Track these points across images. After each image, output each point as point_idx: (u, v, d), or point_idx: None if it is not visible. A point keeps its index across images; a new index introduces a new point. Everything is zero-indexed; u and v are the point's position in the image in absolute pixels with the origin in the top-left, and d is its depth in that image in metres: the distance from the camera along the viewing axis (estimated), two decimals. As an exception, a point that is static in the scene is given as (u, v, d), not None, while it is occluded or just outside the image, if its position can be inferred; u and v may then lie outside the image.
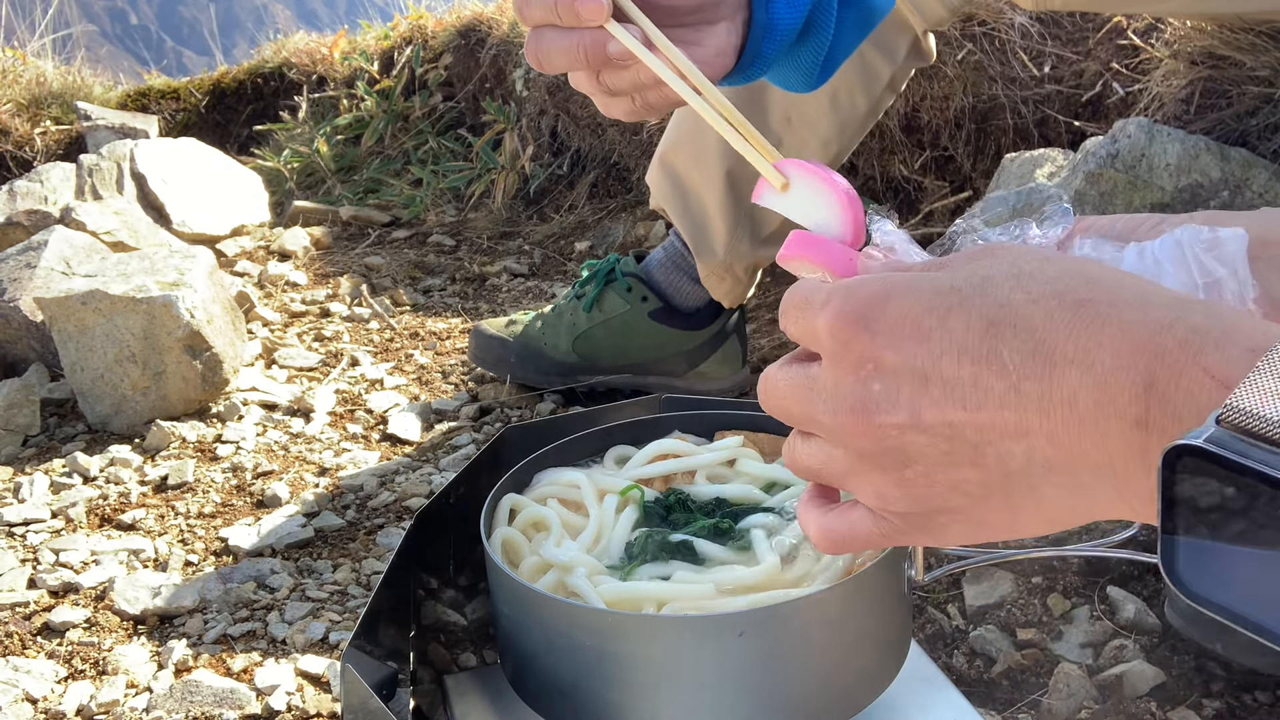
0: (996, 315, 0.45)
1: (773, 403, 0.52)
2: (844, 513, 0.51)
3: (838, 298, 0.48)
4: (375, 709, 0.76)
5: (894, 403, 0.46)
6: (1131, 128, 1.46)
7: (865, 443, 0.47)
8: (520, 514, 0.89)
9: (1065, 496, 0.46)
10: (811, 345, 0.50)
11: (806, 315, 0.49)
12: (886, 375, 0.46)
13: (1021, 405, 0.44)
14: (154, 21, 70.67)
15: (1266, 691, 1.04)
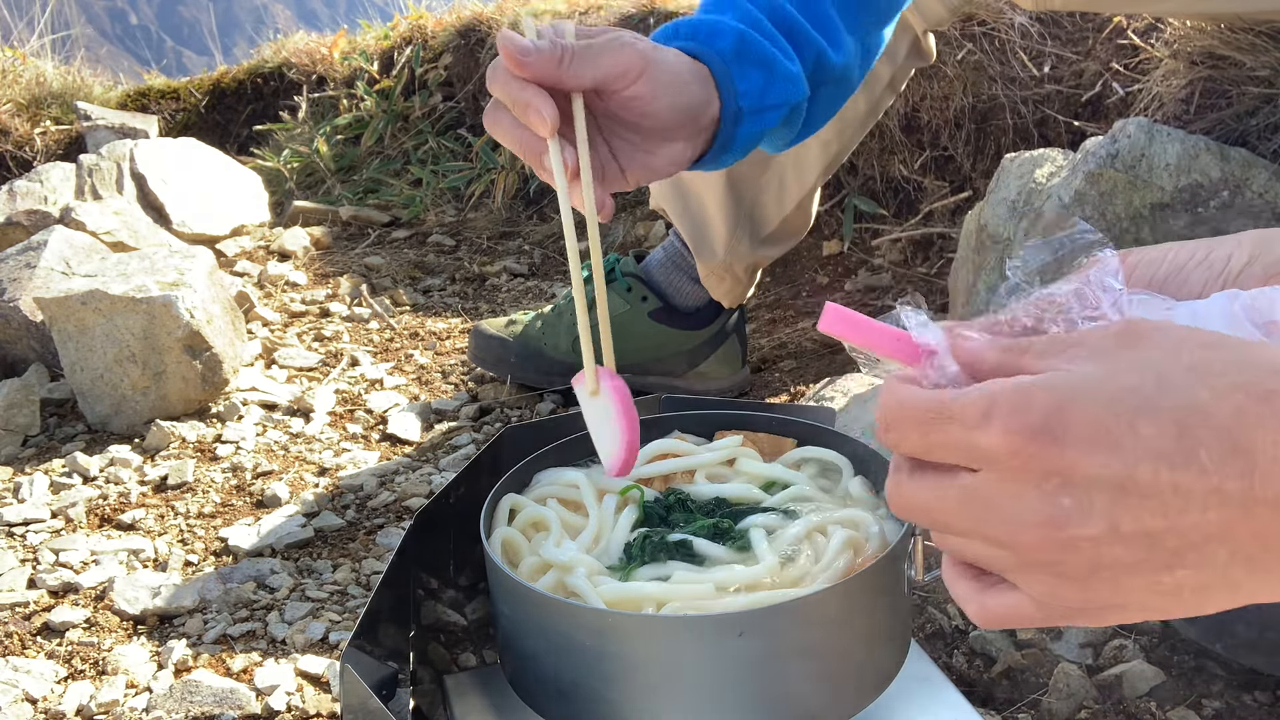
0: (1185, 418, 0.44)
1: (917, 515, 0.50)
2: (1002, 594, 0.50)
3: (1004, 410, 0.46)
4: (375, 709, 0.76)
5: (1088, 515, 0.45)
6: (1131, 128, 1.46)
7: (1050, 555, 0.46)
8: (520, 514, 0.89)
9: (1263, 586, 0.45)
10: (967, 461, 0.47)
11: (953, 430, 0.47)
12: (1077, 488, 0.45)
13: (1224, 505, 0.43)
14: (154, 21, 70.67)
15: (1266, 691, 1.04)
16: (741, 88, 0.92)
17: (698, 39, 0.93)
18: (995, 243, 1.61)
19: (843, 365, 1.85)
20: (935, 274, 2.01)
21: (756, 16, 0.95)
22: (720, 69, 0.91)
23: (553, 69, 0.82)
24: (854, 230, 2.21)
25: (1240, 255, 0.57)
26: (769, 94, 0.93)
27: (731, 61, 0.92)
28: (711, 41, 0.92)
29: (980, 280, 1.62)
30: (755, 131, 0.93)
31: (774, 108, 0.93)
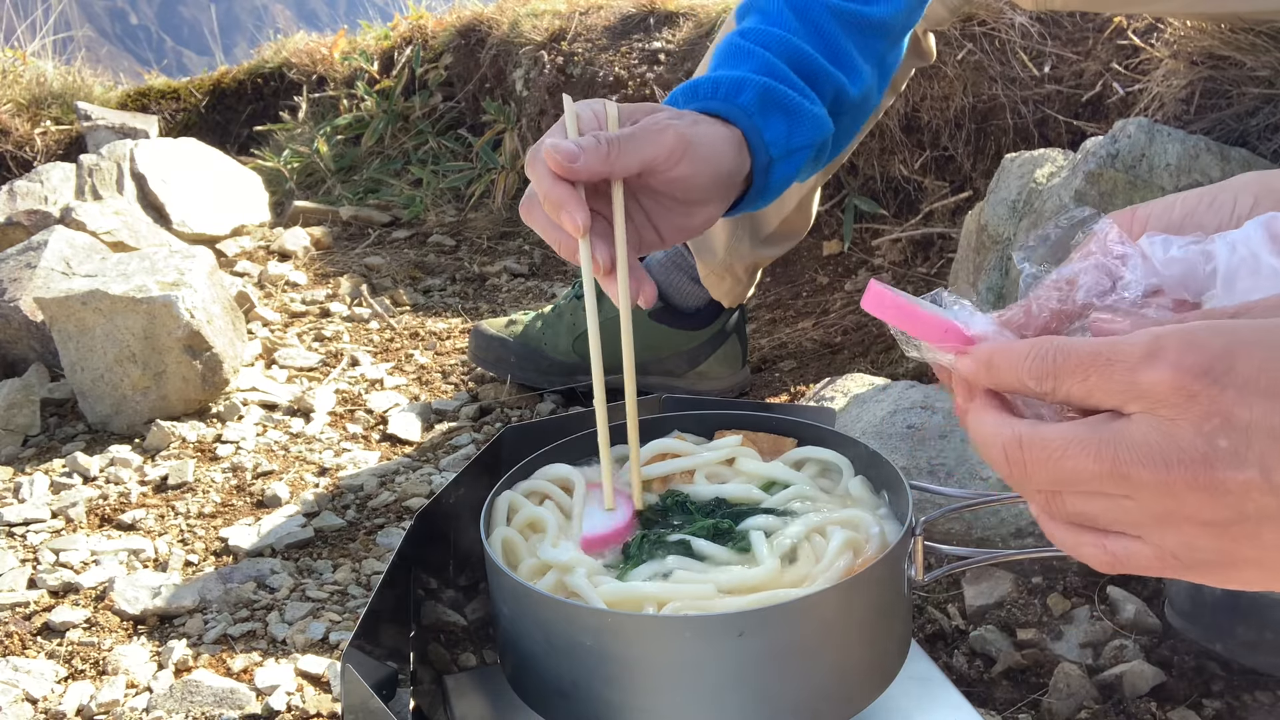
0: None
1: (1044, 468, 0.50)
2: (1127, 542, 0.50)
3: (1172, 349, 0.46)
4: (375, 709, 0.76)
5: (1242, 460, 0.45)
6: (1131, 128, 1.46)
7: (1193, 496, 0.46)
8: (517, 514, 0.89)
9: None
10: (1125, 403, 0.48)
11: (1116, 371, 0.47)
12: (1235, 431, 0.45)
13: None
14: (154, 21, 70.65)
15: (1266, 691, 1.04)
16: (768, 137, 0.93)
17: (719, 97, 0.94)
18: (995, 243, 1.61)
19: (843, 365, 1.85)
20: (935, 274, 2.01)
21: (774, 64, 0.97)
22: (747, 124, 0.93)
23: (600, 167, 0.84)
24: (854, 230, 2.21)
25: (1245, 198, 0.57)
26: (795, 137, 0.95)
27: (756, 114, 0.93)
28: (734, 98, 0.93)
29: (980, 280, 1.62)
30: (787, 177, 0.96)
31: (801, 149, 0.95)
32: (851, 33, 1.01)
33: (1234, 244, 0.54)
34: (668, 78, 2.53)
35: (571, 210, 0.82)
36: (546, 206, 0.85)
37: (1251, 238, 0.54)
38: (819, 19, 1.00)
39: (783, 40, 0.98)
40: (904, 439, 1.31)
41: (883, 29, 1.04)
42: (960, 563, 0.87)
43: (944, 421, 1.32)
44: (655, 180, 0.88)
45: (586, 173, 0.83)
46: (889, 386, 1.46)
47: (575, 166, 0.82)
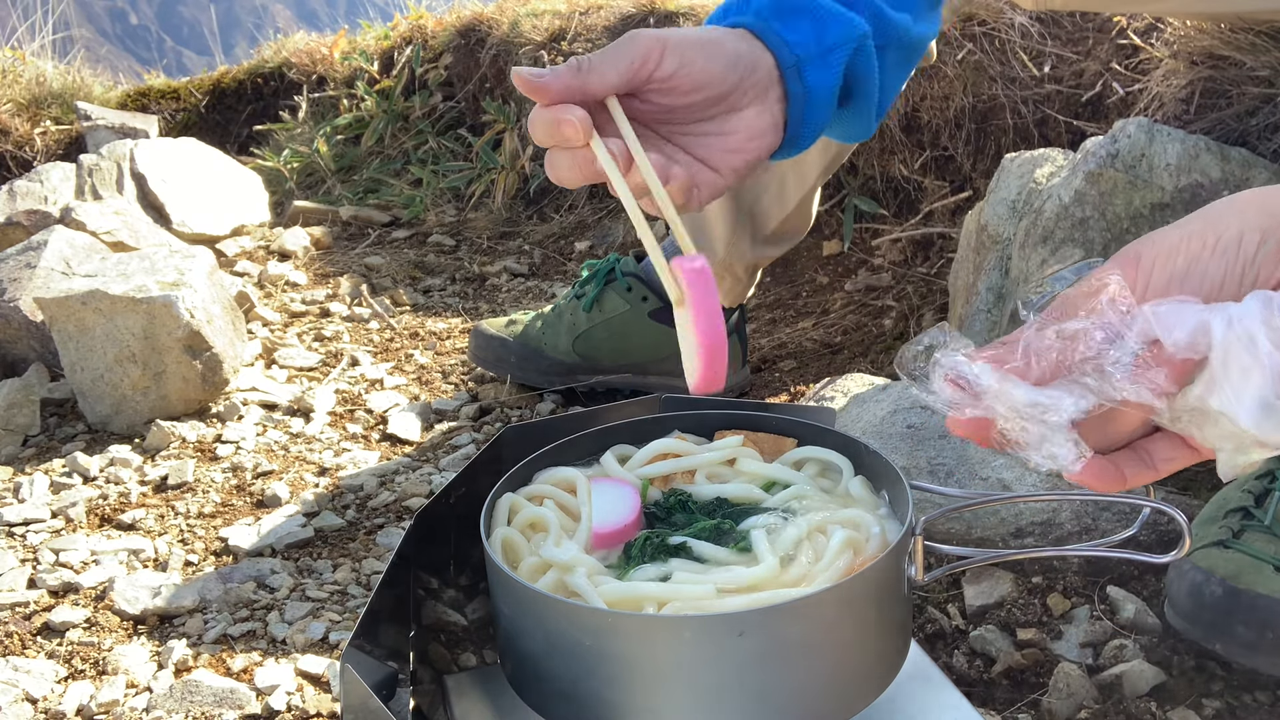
0: None
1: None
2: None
3: None
4: (375, 709, 0.76)
5: None
6: (1131, 128, 1.46)
7: None
8: (518, 514, 0.89)
9: None
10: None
11: None
12: None
13: None
14: (154, 21, 70.65)
15: (1266, 691, 1.04)
16: (791, 38, 0.87)
17: (730, 14, 0.89)
18: (995, 243, 1.61)
19: (843, 365, 1.85)
20: (935, 274, 2.01)
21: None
22: (759, 26, 0.88)
23: (574, 80, 0.81)
24: (854, 230, 2.21)
25: (1251, 236, 0.56)
26: (826, 36, 0.88)
27: (771, 18, 0.88)
28: (746, 7, 0.89)
29: (980, 280, 1.62)
30: (828, 81, 0.89)
31: (836, 48, 0.88)
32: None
33: (1230, 319, 0.54)
34: (668, 78, 2.52)
35: (565, 115, 0.79)
36: (550, 135, 0.81)
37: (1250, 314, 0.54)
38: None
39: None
40: (904, 439, 1.31)
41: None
42: (960, 563, 0.87)
43: (944, 422, 1.32)
44: (654, 93, 0.84)
45: (558, 86, 0.80)
46: (889, 386, 1.46)
47: (544, 83, 0.80)
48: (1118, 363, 0.56)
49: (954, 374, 0.61)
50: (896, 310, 1.95)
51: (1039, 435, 0.59)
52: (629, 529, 0.86)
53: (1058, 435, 0.58)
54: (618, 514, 0.87)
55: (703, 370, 0.76)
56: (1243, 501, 1.10)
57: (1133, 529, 0.85)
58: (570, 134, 0.80)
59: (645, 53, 0.82)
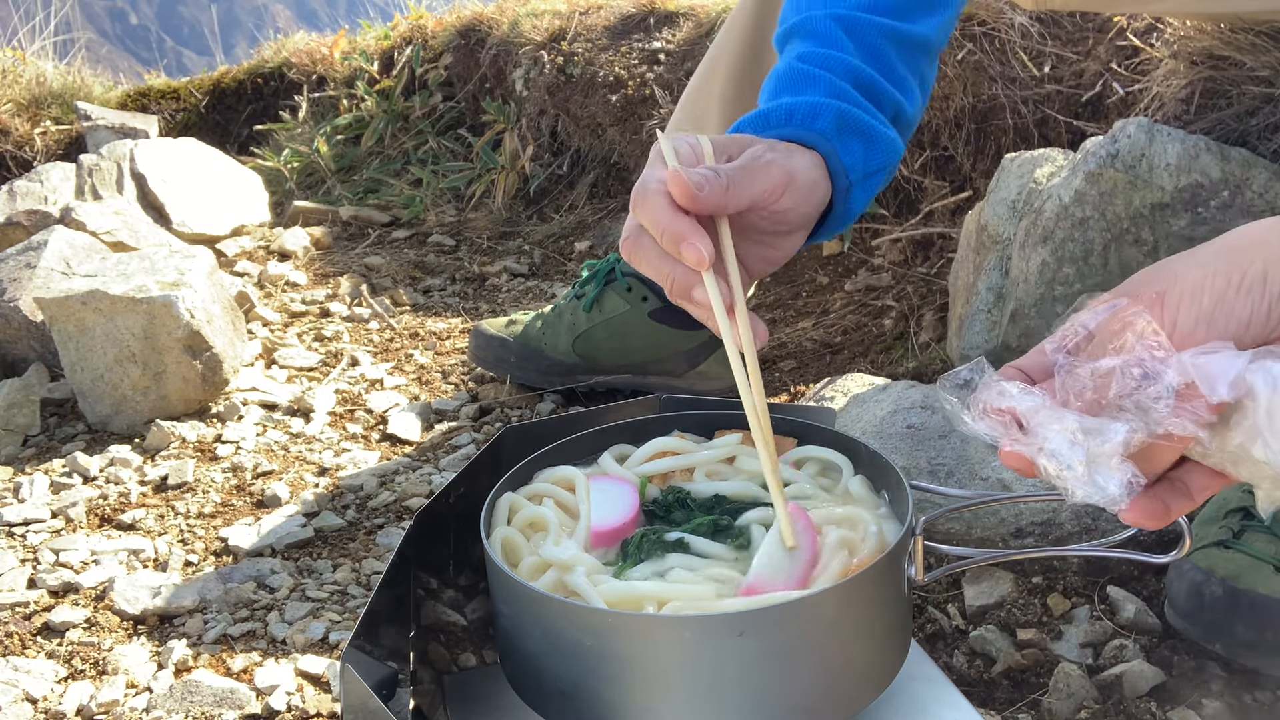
0: None
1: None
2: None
3: None
4: (375, 709, 0.76)
5: None
6: (1131, 128, 1.46)
7: None
8: (518, 514, 0.89)
9: None
10: None
11: None
12: None
13: None
14: (154, 21, 70.67)
15: (1266, 691, 1.04)
16: (847, 162, 0.92)
17: (795, 124, 0.92)
18: (995, 243, 1.61)
19: (843, 365, 1.85)
20: (935, 274, 2.01)
21: (841, 87, 0.95)
22: (827, 149, 0.91)
23: (721, 200, 0.81)
24: (854, 230, 2.21)
25: (1275, 272, 0.57)
26: (871, 160, 0.93)
27: (834, 139, 0.92)
28: (812, 124, 0.92)
29: (980, 280, 1.62)
30: (864, 201, 0.95)
31: (877, 172, 0.94)
32: (900, 51, 1.00)
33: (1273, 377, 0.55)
34: (668, 78, 2.53)
35: (695, 241, 0.78)
36: (665, 241, 0.80)
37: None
38: (871, 39, 0.98)
39: (843, 62, 0.96)
40: (904, 439, 1.31)
41: (924, 46, 1.03)
42: (960, 563, 0.87)
43: (944, 421, 1.32)
44: (756, 215, 0.87)
45: (709, 205, 0.80)
46: (889, 386, 1.46)
47: (701, 197, 0.79)
48: (1159, 398, 0.57)
49: (1001, 404, 0.61)
50: (896, 310, 1.95)
51: (1087, 466, 0.59)
52: (627, 527, 0.86)
53: (1109, 464, 0.58)
54: (616, 512, 0.87)
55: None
56: (1243, 502, 1.10)
57: (1133, 529, 0.85)
58: (692, 260, 0.80)
59: (775, 185, 0.85)
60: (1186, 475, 0.64)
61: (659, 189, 0.81)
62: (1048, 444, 0.59)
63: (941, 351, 1.76)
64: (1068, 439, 0.59)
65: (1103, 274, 1.48)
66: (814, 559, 0.80)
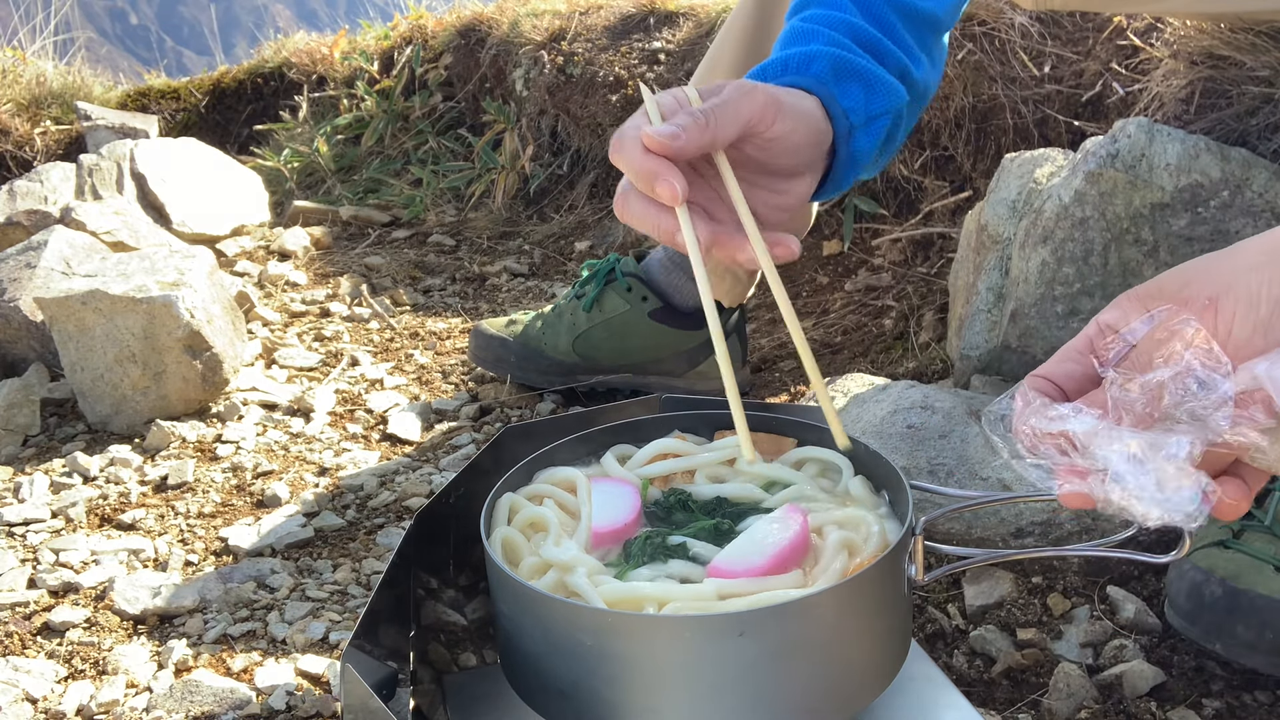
0: None
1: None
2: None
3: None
4: (375, 709, 0.76)
5: None
6: (1131, 128, 1.46)
7: None
8: (518, 514, 0.89)
9: None
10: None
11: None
12: None
13: None
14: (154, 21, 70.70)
15: (1266, 691, 1.04)
16: (846, 105, 0.92)
17: (790, 72, 0.92)
18: (995, 243, 1.61)
19: (843, 365, 1.85)
20: (935, 274, 2.01)
21: (840, 40, 0.95)
22: (824, 92, 0.91)
23: (703, 138, 0.81)
24: (854, 230, 2.21)
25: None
26: (873, 103, 0.93)
27: (831, 82, 0.92)
28: (806, 70, 0.92)
29: (980, 280, 1.63)
30: (870, 147, 0.94)
31: (880, 115, 0.93)
32: (908, 23, 1.00)
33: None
34: (668, 78, 2.53)
35: (667, 176, 0.78)
36: (640, 182, 0.80)
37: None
38: (877, 8, 0.99)
39: (844, 21, 0.97)
40: (904, 439, 1.31)
41: (933, 22, 1.03)
42: (960, 563, 0.87)
43: (944, 421, 1.32)
44: (753, 146, 0.86)
45: (692, 147, 0.80)
46: (889, 386, 1.46)
47: (678, 145, 0.79)
48: (1217, 406, 0.55)
49: (1053, 429, 0.59)
50: (896, 310, 1.95)
51: (1154, 484, 0.57)
52: (628, 528, 0.86)
53: (1180, 477, 0.57)
54: (617, 513, 0.87)
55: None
56: (1243, 501, 1.10)
57: (1133, 529, 0.85)
58: (666, 196, 0.79)
59: (762, 110, 0.84)
60: (1241, 470, 0.64)
61: (635, 135, 0.81)
62: (1110, 468, 0.57)
63: (941, 351, 1.76)
64: (1131, 459, 0.57)
65: (1103, 274, 1.48)
66: (795, 548, 0.80)
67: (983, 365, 1.58)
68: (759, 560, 0.79)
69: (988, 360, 1.58)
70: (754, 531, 0.83)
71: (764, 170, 0.89)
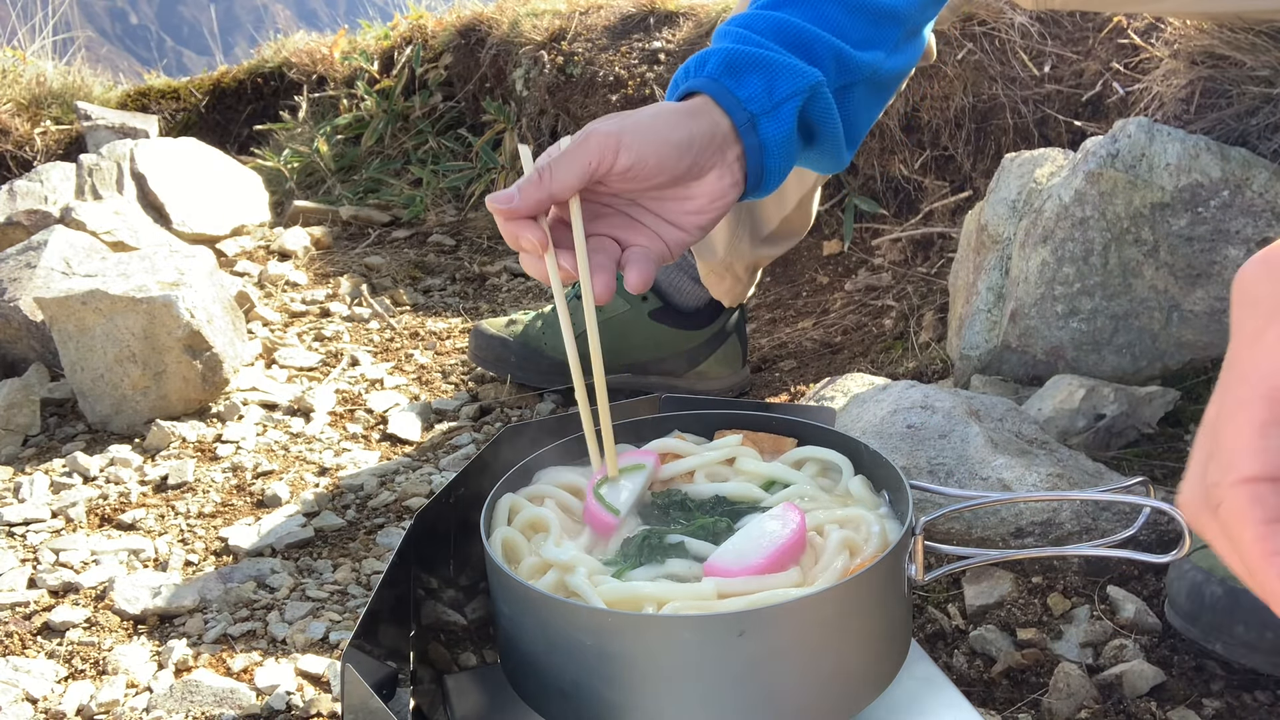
0: None
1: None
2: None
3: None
4: (375, 709, 0.76)
5: None
6: (1131, 127, 1.46)
7: None
8: (519, 515, 0.89)
9: None
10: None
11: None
12: None
13: None
14: (154, 21, 70.70)
15: (1266, 691, 1.04)
16: (744, 94, 0.92)
17: (690, 75, 0.95)
18: (995, 242, 1.61)
19: (843, 365, 1.85)
20: (935, 274, 2.01)
21: (747, 35, 0.97)
22: (715, 89, 0.93)
23: (540, 195, 0.87)
24: (854, 230, 2.21)
25: None
26: (776, 89, 0.93)
27: (724, 76, 0.93)
28: (701, 70, 0.94)
29: (980, 280, 1.62)
30: (781, 130, 0.94)
31: (786, 99, 0.93)
32: (859, 19, 1.00)
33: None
34: (668, 77, 2.53)
35: (525, 233, 0.87)
36: (511, 243, 0.89)
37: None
38: (820, 4, 0.99)
39: (769, 18, 0.98)
40: (904, 439, 1.31)
41: (896, 18, 1.03)
42: (960, 563, 0.87)
43: (944, 421, 1.32)
44: (615, 182, 0.90)
45: (528, 205, 0.87)
46: (889, 386, 1.46)
47: (514, 206, 0.87)
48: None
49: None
50: (896, 310, 1.95)
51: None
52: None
53: None
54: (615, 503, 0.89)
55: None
56: (1243, 501, 1.10)
57: (1133, 529, 0.85)
58: (529, 249, 0.88)
59: (600, 153, 0.88)
60: None
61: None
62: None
63: (941, 351, 1.76)
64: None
65: (1103, 274, 1.48)
66: (793, 546, 0.80)
67: (983, 365, 1.58)
68: (756, 558, 0.79)
69: (988, 360, 1.58)
70: (751, 529, 0.83)
71: (649, 190, 0.92)
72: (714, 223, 0.96)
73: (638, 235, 0.93)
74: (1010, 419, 1.35)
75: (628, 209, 0.94)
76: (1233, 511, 0.45)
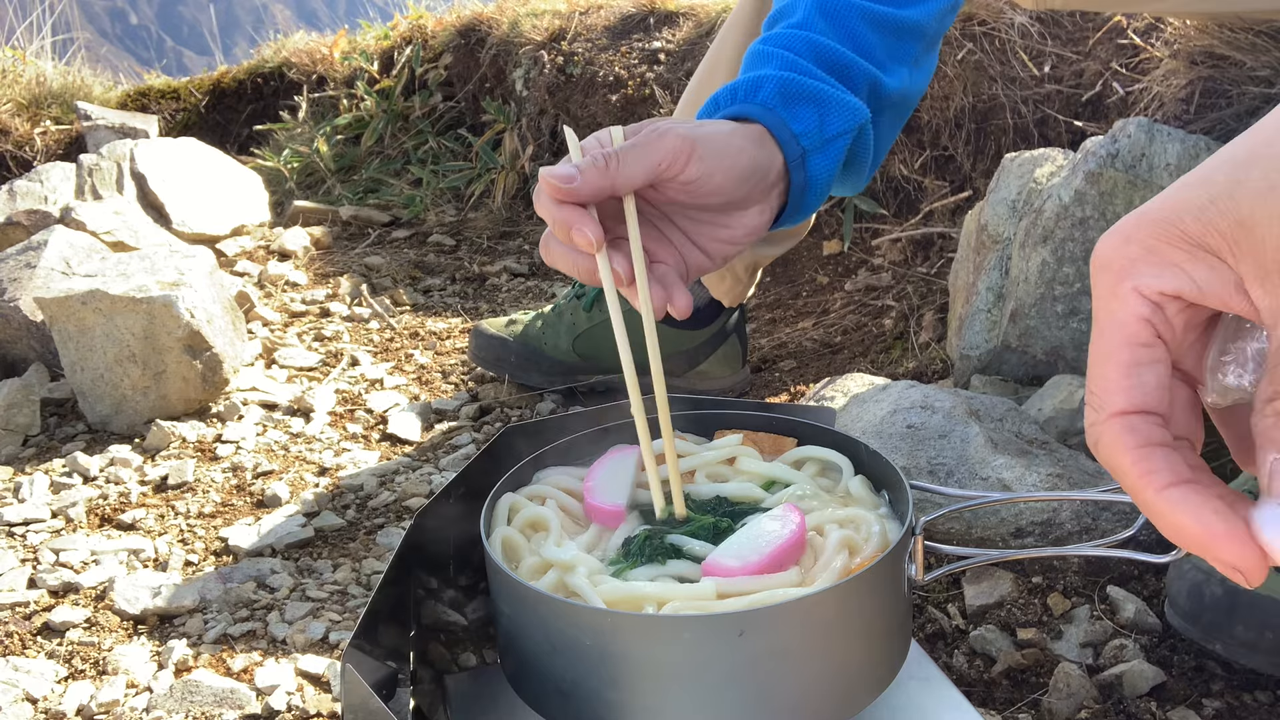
0: None
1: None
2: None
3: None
4: (375, 709, 0.76)
5: None
6: (1131, 127, 1.46)
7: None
8: (519, 514, 0.89)
9: None
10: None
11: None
12: None
13: None
14: (154, 21, 70.71)
15: (1266, 691, 1.04)
16: (797, 129, 0.90)
17: (738, 100, 0.92)
18: (995, 242, 1.61)
19: (843, 365, 1.85)
20: (935, 274, 2.01)
21: (796, 61, 0.94)
22: (772, 120, 0.90)
23: (603, 182, 0.81)
24: (854, 230, 2.21)
25: None
26: (828, 125, 0.91)
27: (779, 107, 0.90)
28: (754, 96, 0.91)
29: (980, 280, 1.62)
30: (828, 168, 0.92)
31: (837, 137, 0.92)
32: (885, 35, 0.99)
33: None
34: (668, 78, 2.53)
35: (581, 226, 0.80)
36: (557, 231, 0.82)
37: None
38: (848, 21, 0.97)
39: (807, 39, 0.95)
40: (904, 439, 1.31)
41: (916, 32, 1.02)
42: (960, 563, 0.87)
43: (944, 421, 1.32)
44: (671, 189, 0.85)
45: (588, 190, 0.80)
46: (889, 386, 1.46)
47: (574, 188, 0.80)
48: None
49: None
50: (896, 310, 1.95)
51: None
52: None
53: None
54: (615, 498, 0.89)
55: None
56: (1242, 501, 1.10)
57: (1133, 529, 0.85)
58: (581, 244, 0.81)
59: (673, 155, 0.83)
60: None
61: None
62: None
63: (941, 351, 1.76)
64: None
65: (1103, 274, 1.48)
66: (792, 546, 0.80)
67: (983, 365, 1.58)
68: (755, 558, 0.79)
69: (988, 360, 1.58)
70: (750, 529, 0.83)
71: (699, 208, 0.88)
72: (737, 255, 0.92)
73: (663, 251, 0.89)
74: (1010, 419, 1.35)
75: (660, 222, 0.89)
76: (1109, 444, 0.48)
